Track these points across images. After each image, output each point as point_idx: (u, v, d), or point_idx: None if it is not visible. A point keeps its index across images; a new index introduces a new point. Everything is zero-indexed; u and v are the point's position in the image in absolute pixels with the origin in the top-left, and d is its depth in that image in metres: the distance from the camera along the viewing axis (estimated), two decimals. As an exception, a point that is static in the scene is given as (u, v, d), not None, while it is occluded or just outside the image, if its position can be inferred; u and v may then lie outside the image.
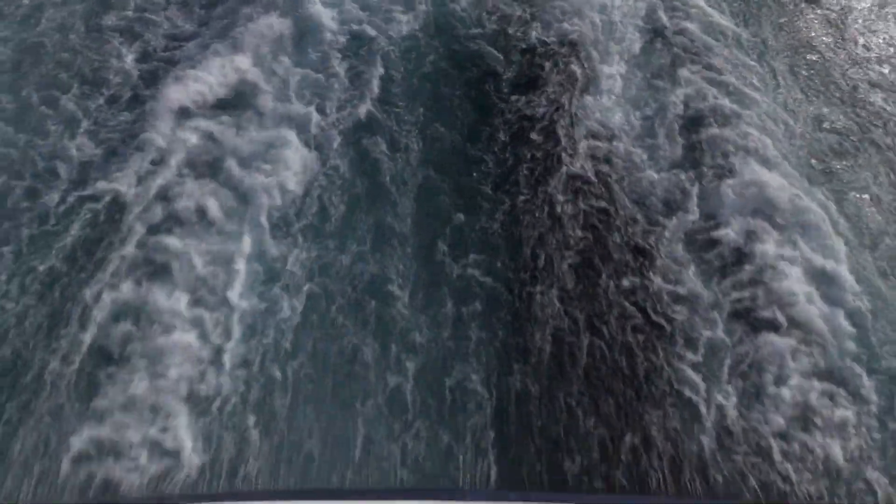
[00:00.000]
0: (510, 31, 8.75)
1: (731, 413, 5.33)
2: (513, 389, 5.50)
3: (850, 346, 5.73)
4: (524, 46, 8.54)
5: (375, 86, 7.97)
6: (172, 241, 6.33)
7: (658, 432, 5.23)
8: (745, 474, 5.03)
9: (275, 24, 8.69)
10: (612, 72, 8.31)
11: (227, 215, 6.60)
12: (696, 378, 5.55)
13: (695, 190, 6.93)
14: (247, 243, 6.35)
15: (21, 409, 5.29)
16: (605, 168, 7.20)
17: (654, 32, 8.94)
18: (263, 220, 6.56)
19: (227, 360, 5.57)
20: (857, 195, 7.10)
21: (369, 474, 5.05)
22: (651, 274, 6.26)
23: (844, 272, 6.22)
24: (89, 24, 8.84)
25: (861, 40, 9.07)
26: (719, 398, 5.42)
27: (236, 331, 5.75)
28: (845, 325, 5.86)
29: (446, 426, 5.29)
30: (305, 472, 5.08)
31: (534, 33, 8.71)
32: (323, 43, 8.51)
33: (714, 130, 7.49)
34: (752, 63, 8.55)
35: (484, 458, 5.14)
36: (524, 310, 6.02)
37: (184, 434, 5.14)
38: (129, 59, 8.34)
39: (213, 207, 6.61)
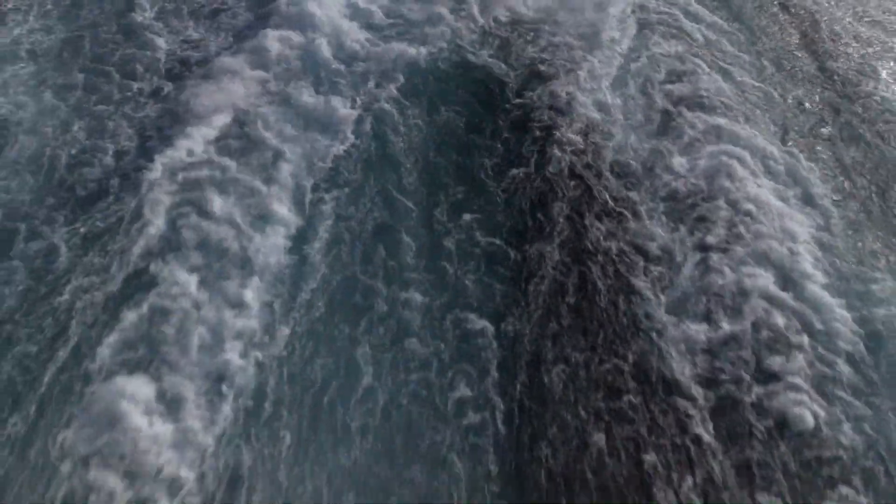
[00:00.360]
0: (512, 48, 9.47)
1: (700, 339, 5.98)
2: (509, 323, 6.20)
3: (816, 287, 6.37)
4: (526, 58, 9.26)
5: (392, 83, 8.72)
6: (210, 172, 7.27)
7: (632, 358, 5.88)
8: (710, 389, 5.69)
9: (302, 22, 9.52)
10: (606, 63, 9.07)
11: (258, 175, 7.38)
12: (667, 317, 6.20)
13: (673, 150, 7.72)
14: (274, 201, 7.11)
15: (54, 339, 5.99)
16: (595, 140, 7.99)
17: (646, 26, 9.76)
18: (291, 180, 7.35)
19: (251, 302, 6.25)
20: (833, 163, 7.81)
21: (375, 404, 5.67)
22: (631, 224, 6.98)
23: (819, 232, 6.93)
24: (120, 23, 9.68)
25: (837, 38, 9.89)
26: (689, 327, 6.08)
27: (259, 277, 6.44)
28: (814, 271, 6.50)
29: (448, 354, 5.97)
30: (317, 402, 5.70)
31: (530, 48, 9.44)
32: (343, 49, 9.26)
33: (692, 96, 8.41)
34: (743, 56, 9.39)
35: (483, 388, 5.78)
36: (523, 262, 6.72)
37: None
38: (162, 52, 9.16)
39: (246, 168, 7.44)
